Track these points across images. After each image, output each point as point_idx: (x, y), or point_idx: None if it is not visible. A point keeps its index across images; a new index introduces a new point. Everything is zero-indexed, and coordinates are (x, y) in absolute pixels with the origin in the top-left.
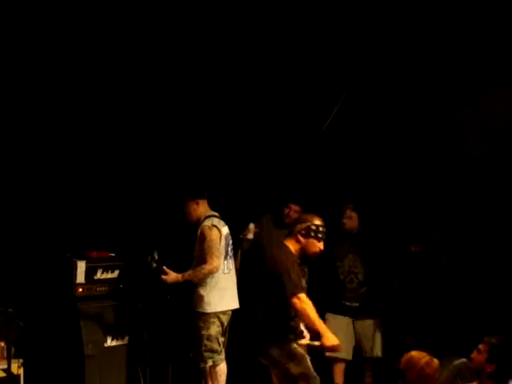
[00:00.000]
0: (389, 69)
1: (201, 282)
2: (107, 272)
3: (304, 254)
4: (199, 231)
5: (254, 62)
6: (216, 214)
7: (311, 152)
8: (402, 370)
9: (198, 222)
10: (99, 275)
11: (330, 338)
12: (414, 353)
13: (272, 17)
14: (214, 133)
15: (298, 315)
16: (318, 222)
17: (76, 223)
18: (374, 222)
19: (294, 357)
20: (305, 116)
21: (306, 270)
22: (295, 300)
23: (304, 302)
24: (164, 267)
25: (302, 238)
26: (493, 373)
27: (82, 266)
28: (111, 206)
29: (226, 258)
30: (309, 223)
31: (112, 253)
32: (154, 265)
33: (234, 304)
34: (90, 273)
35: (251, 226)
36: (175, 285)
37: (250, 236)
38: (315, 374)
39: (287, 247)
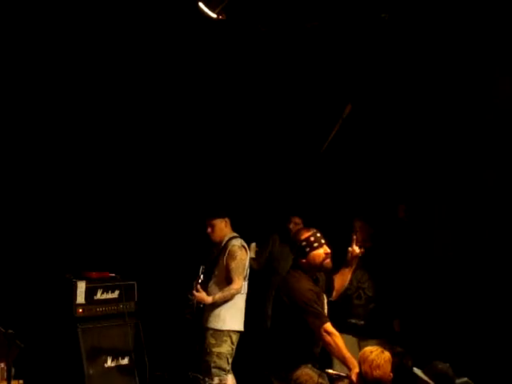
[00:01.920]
0: (393, 80)
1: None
2: (107, 292)
3: (318, 268)
4: (228, 250)
5: (258, 76)
6: (238, 235)
7: (314, 166)
8: (358, 363)
9: (220, 242)
10: (99, 295)
11: (354, 373)
12: (367, 348)
13: (277, 30)
14: (217, 151)
15: (326, 347)
16: (304, 235)
17: (76, 244)
18: (381, 236)
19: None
20: (308, 129)
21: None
22: (323, 333)
23: (332, 334)
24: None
25: (302, 260)
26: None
27: (82, 287)
28: (111, 226)
29: (245, 279)
30: (297, 243)
31: (111, 273)
32: (200, 280)
33: (242, 326)
34: (90, 293)
35: (252, 245)
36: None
37: (252, 255)
38: None
39: (299, 274)
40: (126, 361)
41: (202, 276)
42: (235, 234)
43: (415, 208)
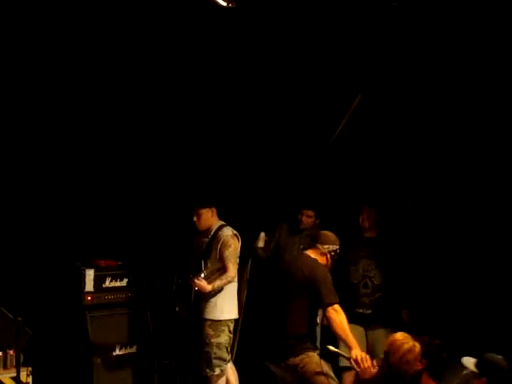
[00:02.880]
0: (402, 70)
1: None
2: (116, 280)
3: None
4: (222, 239)
5: (267, 66)
6: (225, 223)
7: (324, 156)
8: (386, 352)
9: (209, 231)
10: (108, 283)
11: (359, 353)
12: (398, 336)
13: (286, 21)
14: (223, 140)
15: (331, 325)
16: (339, 243)
17: (84, 232)
18: (389, 225)
19: (320, 366)
20: (317, 120)
21: None
22: (331, 310)
23: (340, 314)
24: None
25: (330, 259)
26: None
27: (90, 275)
28: (120, 214)
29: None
30: (338, 247)
31: (120, 261)
32: (203, 275)
33: (237, 313)
34: (98, 281)
35: (262, 234)
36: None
37: (261, 244)
38: None
39: (317, 260)
40: (134, 349)
41: (204, 271)
42: (223, 223)
43: (423, 197)
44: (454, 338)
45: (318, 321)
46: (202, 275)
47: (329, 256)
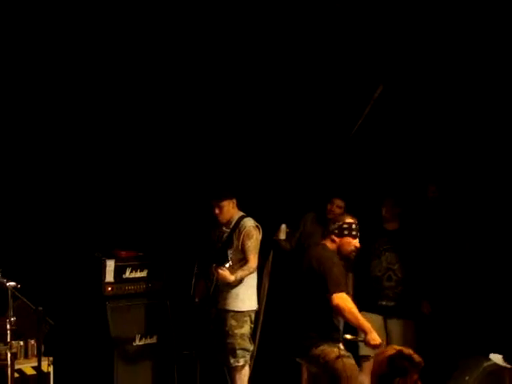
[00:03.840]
0: (424, 60)
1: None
2: (136, 271)
3: (341, 254)
4: (244, 230)
5: (290, 57)
6: (245, 214)
7: (345, 147)
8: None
9: (229, 221)
10: (128, 274)
11: (374, 337)
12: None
13: (305, 13)
14: (246, 130)
15: (340, 313)
16: (349, 219)
17: (105, 223)
18: (411, 217)
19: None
20: (342, 110)
21: (350, 275)
22: (337, 298)
23: (346, 300)
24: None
25: (336, 238)
26: None
27: (111, 265)
28: (140, 205)
29: None
30: (340, 222)
31: (140, 252)
32: (227, 265)
33: (257, 303)
34: (118, 272)
35: (283, 226)
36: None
37: (282, 236)
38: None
39: (327, 247)
40: (153, 339)
41: (230, 262)
42: (243, 214)
43: (445, 188)
44: (472, 331)
45: None
46: (227, 265)
47: (333, 236)
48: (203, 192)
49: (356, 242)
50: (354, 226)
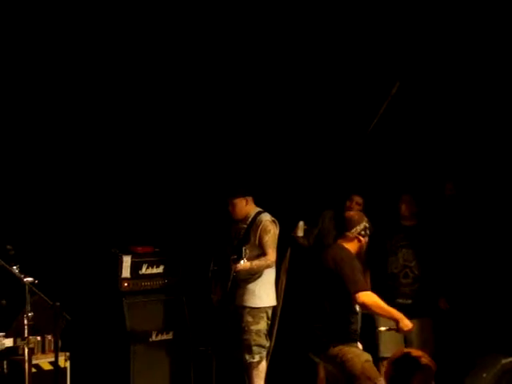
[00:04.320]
0: (440, 57)
1: (253, 275)
2: (152, 267)
3: (359, 254)
4: (261, 225)
5: (306, 54)
6: (263, 210)
7: (366, 144)
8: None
9: (246, 217)
10: (144, 270)
11: (406, 323)
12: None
13: (322, 10)
14: (264, 126)
15: (368, 309)
16: (366, 218)
17: (122, 218)
18: (428, 214)
19: (359, 356)
20: (360, 107)
21: (367, 272)
22: (360, 296)
23: (370, 296)
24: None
25: (362, 239)
26: None
27: (127, 261)
28: (157, 201)
29: None
30: (364, 223)
31: (157, 248)
32: (242, 262)
33: (275, 300)
34: (135, 268)
35: (300, 223)
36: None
37: (300, 233)
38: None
39: (346, 248)
40: (170, 335)
41: (245, 259)
42: (260, 209)
43: (462, 185)
44: (489, 328)
45: (358, 309)
46: (242, 262)
47: (360, 238)
48: (220, 188)
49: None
50: (368, 225)
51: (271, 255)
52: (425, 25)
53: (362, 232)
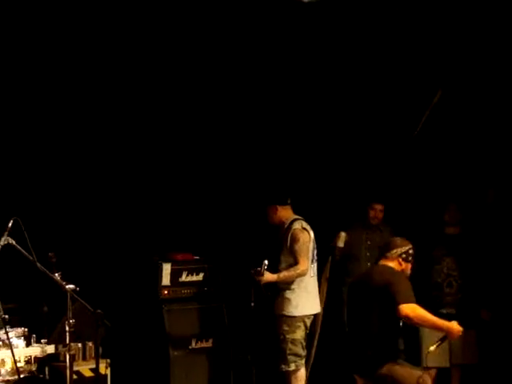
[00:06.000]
0: (483, 65)
1: (290, 284)
2: (192, 275)
3: None
4: (290, 233)
5: (346, 58)
6: (300, 217)
7: (404, 152)
8: None
9: (282, 225)
10: (184, 278)
11: (455, 328)
12: None
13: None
14: (301, 136)
15: (412, 322)
16: (410, 245)
17: (162, 226)
18: (471, 222)
19: (411, 373)
20: (399, 116)
21: None
22: (404, 308)
23: (414, 308)
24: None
25: (403, 262)
26: None
27: (167, 269)
28: (196, 209)
29: (312, 261)
30: (408, 247)
31: (197, 255)
32: (259, 268)
33: (317, 308)
34: (175, 275)
35: (342, 234)
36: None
37: (341, 244)
38: None
39: (391, 267)
40: (209, 343)
41: (261, 268)
42: (296, 217)
43: (505, 193)
44: None
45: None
46: (260, 268)
47: (400, 260)
48: (259, 195)
49: (410, 267)
50: (411, 251)
51: (302, 264)
52: (467, 33)
53: (404, 255)
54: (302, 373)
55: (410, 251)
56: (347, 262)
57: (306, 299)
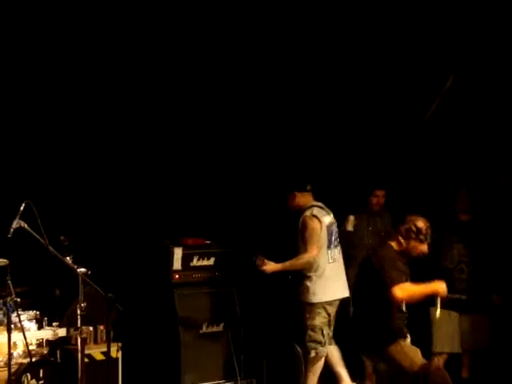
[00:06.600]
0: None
1: (307, 271)
2: (203, 259)
3: (408, 256)
4: (300, 221)
5: (359, 48)
6: (319, 203)
7: (416, 139)
8: None
9: (301, 212)
10: (195, 262)
11: (440, 288)
12: None
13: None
14: (316, 124)
15: (407, 302)
16: (420, 223)
17: (173, 211)
18: (483, 208)
19: (407, 354)
20: (410, 101)
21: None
22: (395, 292)
23: (403, 288)
24: (262, 258)
25: (402, 240)
26: None
27: (178, 253)
28: (208, 193)
29: (329, 247)
30: (410, 225)
31: (208, 240)
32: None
33: (341, 293)
34: (186, 260)
35: (351, 217)
36: (275, 274)
37: (350, 228)
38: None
39: (391, 246)
40: (220, 327)
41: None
42: (314, 203)
43: None
44: None
45: (404, 309)
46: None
47: (400, 238)
48: (273, 181)
49: (423, 247)
50: (423, 230)
51: (310, 251)
52: (479, 18)
53: (403, 233)
54: (321, 363)
55: (413, 228)
56: (348, 248)
57: (324, 286)
